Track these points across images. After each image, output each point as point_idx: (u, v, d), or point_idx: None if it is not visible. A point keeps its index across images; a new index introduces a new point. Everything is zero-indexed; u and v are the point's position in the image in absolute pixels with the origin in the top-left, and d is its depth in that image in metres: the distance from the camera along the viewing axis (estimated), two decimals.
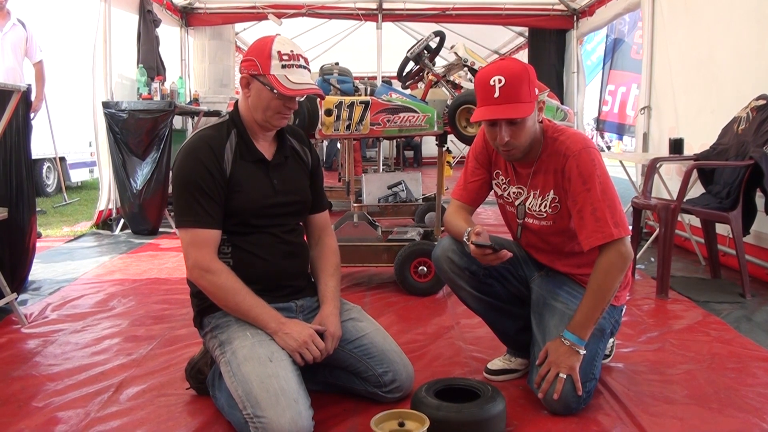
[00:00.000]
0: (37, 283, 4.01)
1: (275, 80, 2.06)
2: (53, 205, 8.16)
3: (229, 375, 1.97)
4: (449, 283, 2.48)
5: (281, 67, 2.07)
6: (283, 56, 2.07)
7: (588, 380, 2.19)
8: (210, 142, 2.11)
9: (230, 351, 2.00)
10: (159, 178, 5.65)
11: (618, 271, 2.14)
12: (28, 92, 3.61)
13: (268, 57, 2.07)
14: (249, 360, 1.95)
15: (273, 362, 1.95)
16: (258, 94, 2.11)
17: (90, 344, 2.91)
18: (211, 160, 2.08)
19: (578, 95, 8.14)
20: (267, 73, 2.07)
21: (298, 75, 2.09)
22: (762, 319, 3.27)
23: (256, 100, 2.12)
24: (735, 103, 4.07)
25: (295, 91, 2.08)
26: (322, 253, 2.36)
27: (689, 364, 2.65)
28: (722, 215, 3.68)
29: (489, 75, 2.11)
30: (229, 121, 2.20)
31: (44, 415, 2.20)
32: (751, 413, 2.19)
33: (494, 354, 2.62)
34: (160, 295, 3.76)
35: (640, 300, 3.63)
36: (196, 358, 2.34)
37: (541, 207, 2.29)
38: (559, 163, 2.20)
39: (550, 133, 2.25)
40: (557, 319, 2.27)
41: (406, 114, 3.46)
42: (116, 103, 5.68)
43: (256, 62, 2.08)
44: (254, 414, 1.86)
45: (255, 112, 2.15)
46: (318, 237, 2.40)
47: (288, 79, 2.07)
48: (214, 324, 2.12)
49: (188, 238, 2.06)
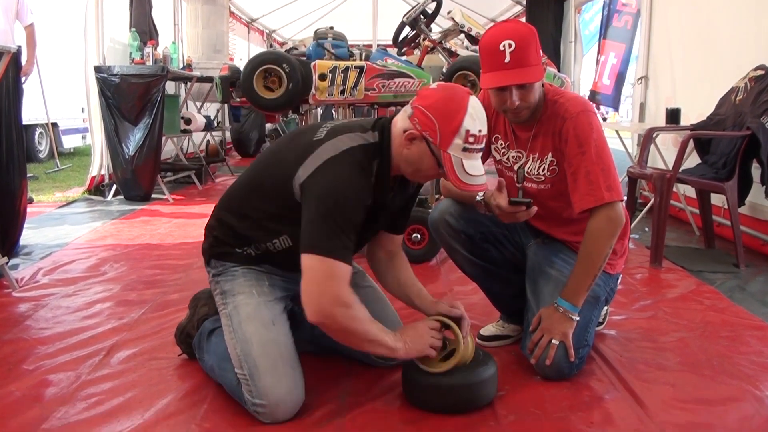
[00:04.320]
0: (28, 248, 3.98)
1: (449, 163, 1.80)
2: (45, 171, 8.09)
3: (230, 330, 1.95)
4: (445, 247, 2.46)
5: (462, 149, 1.80)
6: (469, 137, 1.79)
7: (581, 347, 2.19)
8: (365, 176, 1.84)
9: (233, 304, 1.98)
10: (151, 143, 5.60)
11: (607, 236, 2.11)
12: (18, 54, 3.54)
13: (453, 132, 1.78)
14: (252, 320, 1.92)
15: (275, 326, 1.94)
16: (420, 157, 1.85)
17: (81, 308, 2.89)
18: (364, 195, 1.83)
19: (575, 65, 8.07)
20: (444, 149, 1.80)
21: (475, 164, 1.84)
22: (756, 288, 3.28)
23: (415, 159, 1.86)
24: (733, 73, 4.03)
25: (467, 186, 1.84)
26: (402, 267, 2.18)
27: (682, 332, 2.66)
28: (718, 185, 3.67)
29: (498, 39, 2.04)
30: (376, 148, 1.88)
31: (35, 377, 2.19)
32: (744, 380, 2.20)
33: (487, 320, 2.62)
34: (152, 260, 3.74)
35: (634, 269, 3.63)
36: (184, 322, 2.32)
37: (540, 170, 2.26)
38: (557, 125, 2.17)
39: (551, 95, 2.22)
40: (552, 286, 2.26)
41: (401, 80, 3.41)
42: (108, 68, 5.61)
43: (437, 130, 1.79)
44: (250, 376, 1.86)
45: (405, 165, 1.89)
46: (394, 251, 2.19)
47: (464, 168, 1.81)
48: (221, 270, 2.06)
49: (327, 269, 1.73)
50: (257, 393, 1.85)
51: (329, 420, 1.91)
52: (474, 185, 1.84)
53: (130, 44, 6.02)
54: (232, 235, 2.04)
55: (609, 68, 6.46)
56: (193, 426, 1.88)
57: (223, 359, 2.01)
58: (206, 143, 8.29)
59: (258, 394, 1.85)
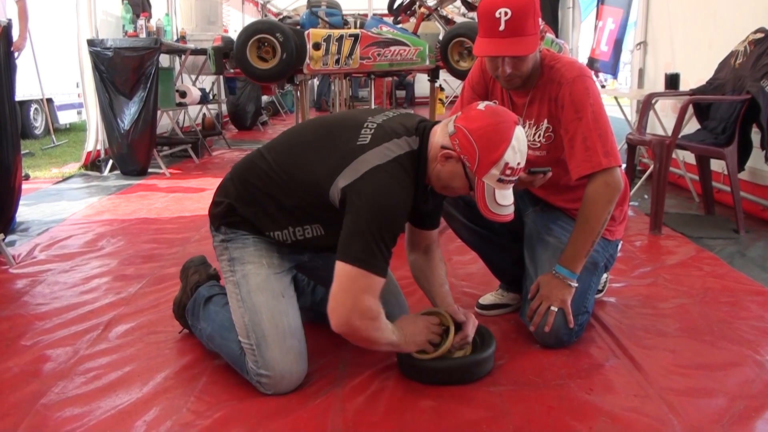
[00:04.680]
0: (25, 224, 3.96)
1: (481, 191, 1.79)
2: (41, 147, 8.05)
3: (237, 299, 1.92)
4: (443, 214, 2.44)
5: (497, 180, 1.77)
6: (507, 170, 1.76)
7: (580, 313, 2.18)
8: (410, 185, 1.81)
9: (241, 273, 1.94)
10: (146, 117, 5.55)
11: (605, 201, 2.09)
12: (9, 27, 3.50)
13: (493, 163, 1.74)
14: (262, 291, 1.91)
15: (285, 299, 1.93)
16: (452, 177, 1.82)
17: (79, 283, 2.88)
18: (409, 205, 1.82)
19: (573, 31, 8.00)
20: (479, 176, 1.77)
21: (507, 194, 1.82)
22: (756, 254, 3.27)
23: (447, 178, 1.83)
24: (733, 37, 3.98)
25: (495, 216, 1.82)
26: (432, 263, 2.14)
27: (682, 298, 2.65)
28: (717, 151, 3.64)
29: (494, 6, 2.00)
30: (415, 156, 1.84)
31: (33, 353, 2.18)
32: (744, 345, 2.19)
33: (486, 289, 2.61)
34: (149, 235, 3.73)
35: (633, 236, 3.62)
36: (179, 296, 2.31)
37: (536, 137, 2.24)
38: (553, 91, 2.14)
39: (547, 61, 2.18)
40: (550, 253, 2.25)
41: (396, 47, 3.37)
42: (101, 41, 5.54)
43: (477, 157, 1.75)
44: (257, 346, 1.86)
45: (435, 179, 1.86)
46: (429, 245, 2.15)
47: (495, 199, 1.79)
48: (232, 236, 1.98)
49: (364, 283, 1.72)
50: (263, 364, 1.85)
51: (328, 390, 1.91)
52: (501, 215, 1.82)
53: (123, 17, 5.95)
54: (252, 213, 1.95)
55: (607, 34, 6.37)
56: (192, 399, 1.87)
57: (224, 328, 2.00)
58: (202, 116, 8.23)
59: (264, 365, 1.85)
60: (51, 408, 1.83)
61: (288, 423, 1.75)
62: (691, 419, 1.74)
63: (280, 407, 1.82)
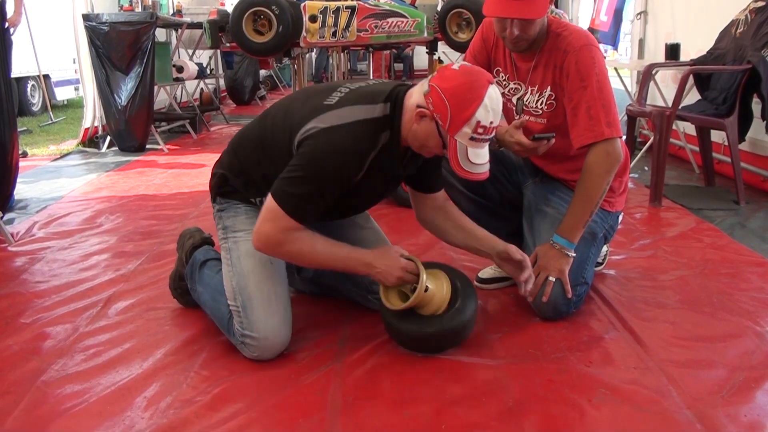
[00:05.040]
0: (23, 202, 3.95)
1: (454, 149, 1.77)
2: (39, 124, 8.00)
3: (228, 263, 1.99)
4: None
5: (469, 138, 1.75)
6: (479, 128, 1.74)
7: (579, 284, 2.18)
8: (360, 149, 1.81)
9: (233, 240, 2.01)
10: (143, 93, 5.52)
11: (605, 171, 2.09)
12: (3, 2, 3.46)
13: (464, 122, 1.72)
14: (251, 256, 1.95)
15: (273, 265, 1.98)
16: (427, 135, 1.81)
17: (78, 261, 2.88)
18: (352, 171, 1.82)
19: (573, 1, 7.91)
20: (451, 134, 1.75)
21: (480, 152, 1.79)
22: (756, 225, 3.26)
23: (422, 136, 1.82)
24: (734, 5, 3.93)
25: (467, 174, 1.80)
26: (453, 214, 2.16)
27: (682, 270, 2.64)
28: (718, 122, 3.61)
29: None
30: (386, 121, 1.84)
31: (32, 331, 2.18)
32: (745, 317, 2.19)
33: (485, 263, 2.59)
34: (148, 211, 3.72)
35: (633, 208, 3.60)
36: (175, 268, 2.34)
37: (538, 104, 2.22)
38: (559, 58, 2.12)
39: (554, 27, 2.16)
40: (548, 224, 2.24)
41: (394, 19, 3.32)
42: (97, 16, 5.50)
43: (449, 115, 1.73)
44: (243, 308, 1.91)
45: (412, 139, 1.85)
46: (439, 206, 2.16)
47: (468, 157, 1.77)
48: (225, 206, 2.07)
49: (285, 223, 1.79)
50: (248, 324, 1.90)
51: (328, 365, 1.91)
52: (474, 173, 1.80)
53: None
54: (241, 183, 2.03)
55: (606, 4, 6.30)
56: (192, 374, 1.88)
57: (216, 291, 2.06)
58: (200, 91, 8.18)
59: (248, 325, 1.90)
60: (51, 385, 1.83)
61: (288, 397, 1.75)
62: (690, 391, 1.74)
63: (279, 382, 1.82)
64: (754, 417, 1.64)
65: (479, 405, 1.71)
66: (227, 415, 1.67)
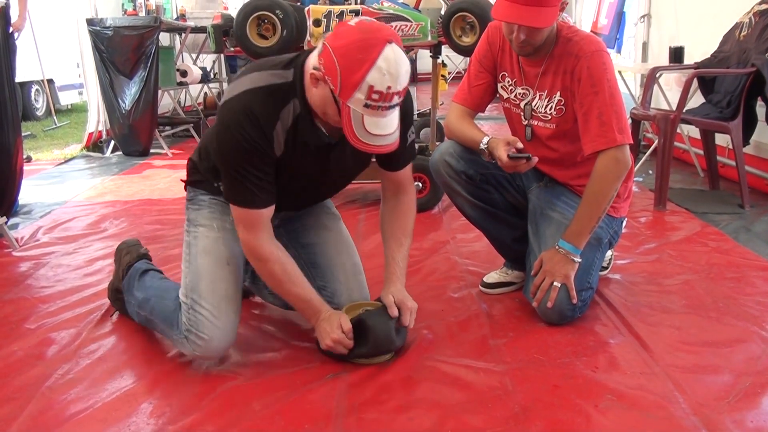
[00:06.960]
0: (27, 207, 3.96)
1: (347, 117, 1.60)
2: (43, 128, 8.02)
3: (186, 258, 1.97)
4: (445, 189, 2.42)
5: (363, 105, 1.58)
6: (373, 93, 1.56)
7: (584, 289, 2.17)
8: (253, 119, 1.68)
9: (194, 234, 1.98)
10: (147, 97, 5.53)
11: (614, 177, 2.09)
12: (7, 7, 3.48)
13: (355, 86, 1.55)
14: (208, 254, 1.93)
15: (229, 266, 1.94)
16: (323, 101, 1.66)
17: (82, 266, 2.88)
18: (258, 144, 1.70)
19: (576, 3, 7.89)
20: (343, 100, 1.59)
21: (380, 122, 1.62)
22: (761, 229, 3.24)
23: (320, 103, 1.68)
24: (738, 8, 3.92)
25: (364, 146, 1.64)
26: (394, 214, 2.05)
27: (687, 274, 2.63)
28: (722, 125, 3.60)
29: None
30: (290, 88, 1.72)
31: (37, 336, 2.19)
32: (751, 321, 2.18)
33: (490, 268, 2.60)
34: (152, 216, 3.72)
35: (638, 212, 3.59)
36: (112, 280, 2.33)
37: (547, 109, 2.21)
38: (570, 64, 2.12)
39: (565, 32, 2.15)
40: (554, 229, 2.23)
41: (398, 23, 3.32)
42: (100, 20, 5.51)
43: (338, 79, 1.57)
44: (192, 306, 1.88)
45: (314, 105, 1.72)
46: (395, 192, 2.06)
47: (363, 126, 1.61)
48: (192, 196, 2.05)
49: (243, 218, 1.79)
50: (195, 323, 1.86)
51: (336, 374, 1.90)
52: (374, 145, 1.65)
53: None
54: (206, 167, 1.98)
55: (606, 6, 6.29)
56: (198, 379, 1.88)
57: (160, 289, 2.07)
58: (204, 95, 8.18)
59: (195, 324, 1.86)
60: (56, 391, 1.83)
61: (294, 404, 1.75)
62: (697, 396, 1.74)
63: (286, 389, 1.82)
64: (761, 423, 1.63)
65: (484, 410, 1.70)
66: (233, 421, 1.67)
